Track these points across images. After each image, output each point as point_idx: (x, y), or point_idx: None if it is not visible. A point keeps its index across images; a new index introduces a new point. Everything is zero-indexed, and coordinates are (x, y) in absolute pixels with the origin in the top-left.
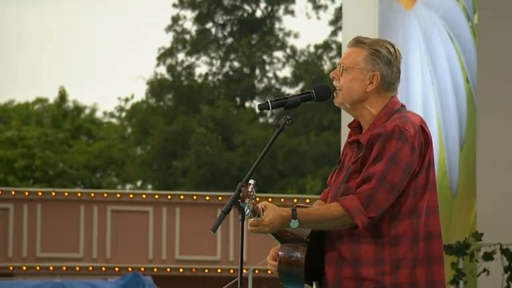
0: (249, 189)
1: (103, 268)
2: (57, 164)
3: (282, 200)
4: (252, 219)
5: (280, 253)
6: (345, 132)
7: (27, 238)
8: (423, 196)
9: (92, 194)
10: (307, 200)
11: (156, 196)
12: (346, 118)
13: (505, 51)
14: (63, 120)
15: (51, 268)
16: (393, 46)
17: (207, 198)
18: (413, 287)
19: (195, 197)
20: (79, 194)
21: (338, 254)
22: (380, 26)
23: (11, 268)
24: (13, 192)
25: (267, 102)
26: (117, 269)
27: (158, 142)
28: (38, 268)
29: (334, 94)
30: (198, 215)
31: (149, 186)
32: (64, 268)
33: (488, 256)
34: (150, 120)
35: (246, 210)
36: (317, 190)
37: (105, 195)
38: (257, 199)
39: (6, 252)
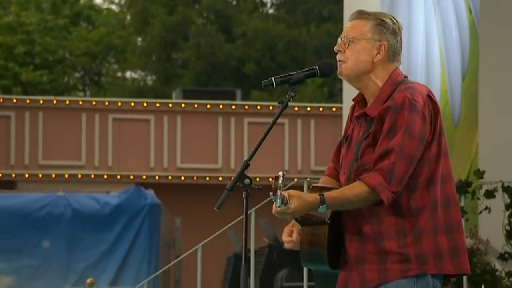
0: (279, 182)
1: (105, 176)
2: (57, 50)
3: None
4: (279, 208)
5: (302, 234)
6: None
7: (29, 146)
8: (438, 165)
9: (94, 103)
10: (308, 108)
11: (157, 105)
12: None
13: None
14: (62, 5)
15: (53, 175)
16: (395, 18)
17: (208, 106)
18: (437, 256)
19: (196, 106)
20: (80, 102)
21: (359, 230)
22: None
23: (13, 175)
24: (14, 100)
25: (271, 79)
26: (119, 177)
27: (158, 32)
28: (40, 175)
29: (338, 66)
30: (199, 123)
31: (149, 78)
32: (66, 176)
33: (489, 194)
34: (150, 10)
35: (278, 202)
36: (318, 82)
37: (107, 103)
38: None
39: (9, 160)
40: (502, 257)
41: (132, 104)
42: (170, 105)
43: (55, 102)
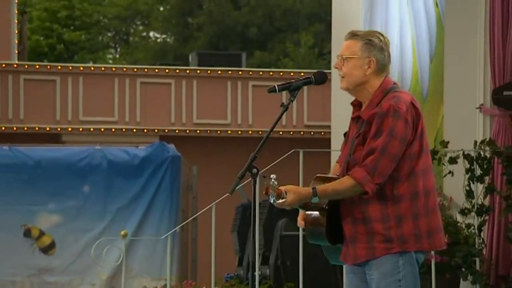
0: (271, 183)
1: (134, 130)
2: (93, 14)
3: (281, 74)
4: (278, 201)
5: (306, 217)
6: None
7: (71, 105)
8: (419, 160)
9: (124, 69)
10: (302, 74)
11: (177, 71)
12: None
13: None
14: None
15: (91, 129)
16: (382, 35)
17: (219, 72)
18: (417, 237)
19: (209, 72)
20: (113, 69)
21: (351, 215)
22: None
23: (59, 129)
24: (59, 67)
25: (275, 87)
26: (145, 130)
27: (177, 1)
28: (81, 129)
29: (340, 81)
30: (212, 86)
31: (169, 39)
32: (102, 129)
33: (452, 160)
34: None
35: (271, 199)
36: (310, 44)
37: (135, 69)
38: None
39: (55, 116)
40: (462, 212)
41: (156, 70)
42: (188, 71)
43: (92, 68)
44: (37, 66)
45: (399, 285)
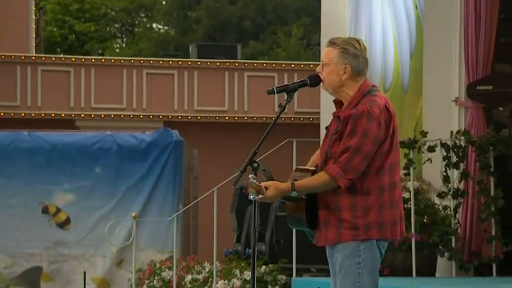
0: (250, 182)
1: (141, 116)
2: (101, 7)
3: (274, 65)
4: (258, 197)
5: (287, 205)
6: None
7: (84, 93)
8: (388, 157)
9: (132, 61)
10: (292, 65)
11: (180, 62)
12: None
13: None
14: None
15: (102, 115)
16: (358, 42)
17: (218, 64)
18: (380, 225)
19: (208, 63)
20: (122, 61)
21: (326, 204)
22: None
23: (73, 115)
24: (73, 59)
25: (273, 88)
26: (151, 116)
27: None
28: (92, 115)
29: (321, 83)
30: (211, 76)
31: (170, 31)
32: (112, 115)
33: (431, 149)
34: None
35: (251, 196)
36: (299, 35)
37: (142, 61)
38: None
39: (69, 103)
40: (440, 195)
41: (161, 62)
42: (189, 63)
43: (103, 60)
44: (53, 58)
45: (358, 267)
